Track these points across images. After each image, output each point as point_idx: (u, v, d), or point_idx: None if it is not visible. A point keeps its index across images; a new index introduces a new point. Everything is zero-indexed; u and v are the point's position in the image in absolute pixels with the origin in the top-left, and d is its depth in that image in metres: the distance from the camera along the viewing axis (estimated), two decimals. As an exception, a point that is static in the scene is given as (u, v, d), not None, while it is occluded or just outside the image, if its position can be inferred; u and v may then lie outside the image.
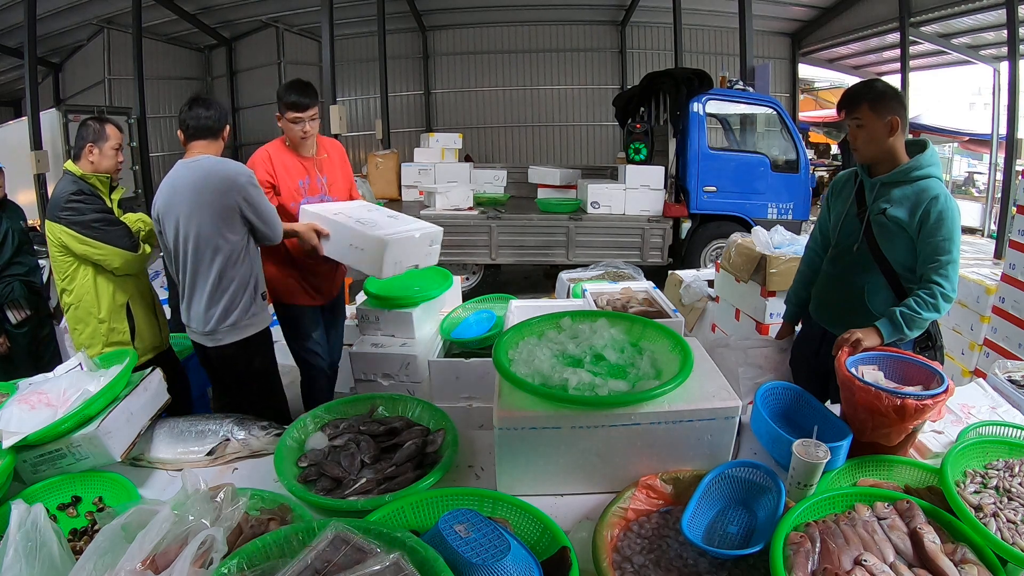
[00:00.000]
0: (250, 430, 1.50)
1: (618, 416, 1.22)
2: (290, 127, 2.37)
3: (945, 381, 1.32)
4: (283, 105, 2.35)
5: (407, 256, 2.32)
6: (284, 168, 2.43)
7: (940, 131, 11.48)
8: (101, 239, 2.18)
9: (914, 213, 1.69)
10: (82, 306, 2.27)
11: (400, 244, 2.24)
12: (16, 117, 8.90)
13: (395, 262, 2.25)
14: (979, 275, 3.26)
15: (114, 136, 2.28)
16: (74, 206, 2.16)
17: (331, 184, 2.59)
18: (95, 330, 2.29)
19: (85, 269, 2.24)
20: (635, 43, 11.69)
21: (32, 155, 6.15)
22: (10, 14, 7.86)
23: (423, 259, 2.42)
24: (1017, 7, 6.72)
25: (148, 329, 2.42)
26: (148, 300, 2.45)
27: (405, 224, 2.38)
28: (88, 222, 2.16)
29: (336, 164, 2.64)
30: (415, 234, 2.32)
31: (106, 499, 1.29)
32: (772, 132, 6.42)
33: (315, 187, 2.54)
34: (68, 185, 2.20)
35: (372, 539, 0.90)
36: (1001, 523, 1.11)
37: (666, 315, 2.33)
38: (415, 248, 2.35)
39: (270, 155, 2.44)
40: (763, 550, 1.04)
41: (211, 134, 2.16)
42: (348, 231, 2.27)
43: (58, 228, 2.16)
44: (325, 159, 2.57)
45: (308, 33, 11.13)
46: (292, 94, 2.32)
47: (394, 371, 2.72)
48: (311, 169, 2.51)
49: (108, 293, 2.28)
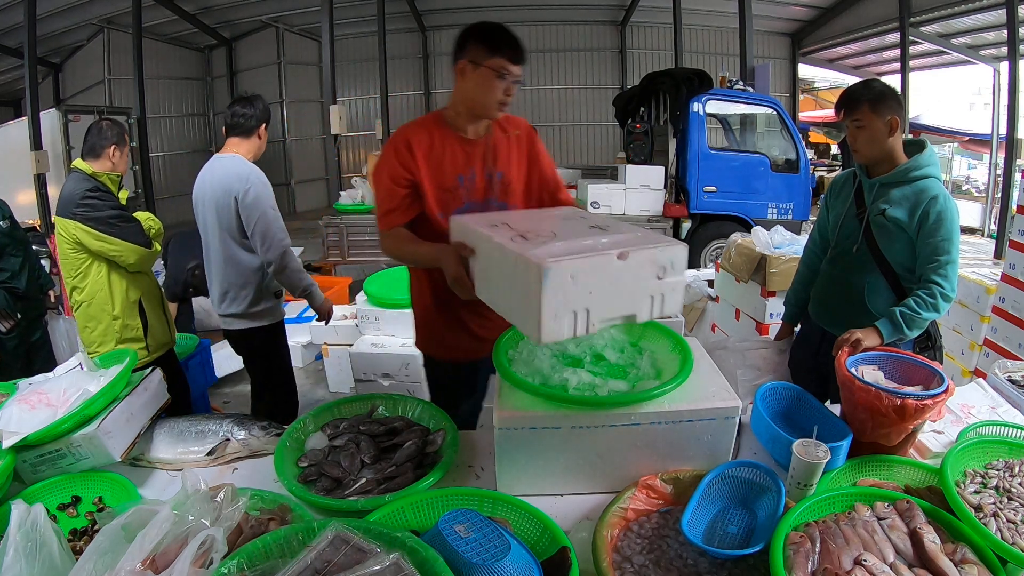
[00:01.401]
0: (250, 430, 1.50)
1: (618, 416, 1.22)
2: (490, 85, 1.52)
3: (945, 381, 1.32)
4: (485, 49, 1.51)
5: (603, 296, 1.17)
6: (438, 156, 1.61)
7: (940, 131, 11.49)
8: (117, 235, 2.21)
9: (913, 213, 1.70)
10: (95, 303, 2.29)
11: (576, 273, 1.13)
12: (16, 117, 8.88)
13: (568, 308, 1.14)
14: (979, 275, 3.26)
15: (128, 141, 2.37)
16: (90, 202, 2.18)
17: (509, 184, 1.69)
18: (108, 327, 2.31)
19: (99, 266, 2.27)
20: (635, 43, 11.70)
21: (32, 155, 6.15)
22: (10, 14, 7.86)
23: (641, 302, 1.23)
24: (1017, 7, 6.73)
25: (159, 326, 2.46)
26: (157, 297, 2.50)
27: (616, 236, 1.25)
28: (105, 218, 2.20)
29: (523, 155, 1.72)
30: (612, 255, 1.16)
31: (106, 499, 1.29)
32: (772, 132, 6.42)
33: (481, 187, 1.66)
34: (81, 182, 2.22)
35: (372, 539, 0.90)
36: (1001, 523, 1.11)
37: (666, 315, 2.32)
38: (618, 282, 1.18)
39: (410, 138, 1.59)
40: (763, 550, 1.04)
41: (244, 132, 2.28)
42: (498, 251, 1.25)
43: (72, 224, 2.18)
44: (502, 143, 1.67)
45: (308, 33, 11.14)
46: (506, 36, 1.53)
47: (394, 371, 2.73)
48: (477, 159, 1.64)
49: (121, 290, 2.31)
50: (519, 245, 1.18)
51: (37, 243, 4.67)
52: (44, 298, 2.97)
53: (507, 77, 1.52)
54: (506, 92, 1.54)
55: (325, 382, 3.74)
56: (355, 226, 5.71)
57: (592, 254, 1.15)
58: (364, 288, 3.18)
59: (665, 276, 1.22)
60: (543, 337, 1.13)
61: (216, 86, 11.86)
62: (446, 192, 1.62)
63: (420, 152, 1.58)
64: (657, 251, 1.20)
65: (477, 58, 1.51)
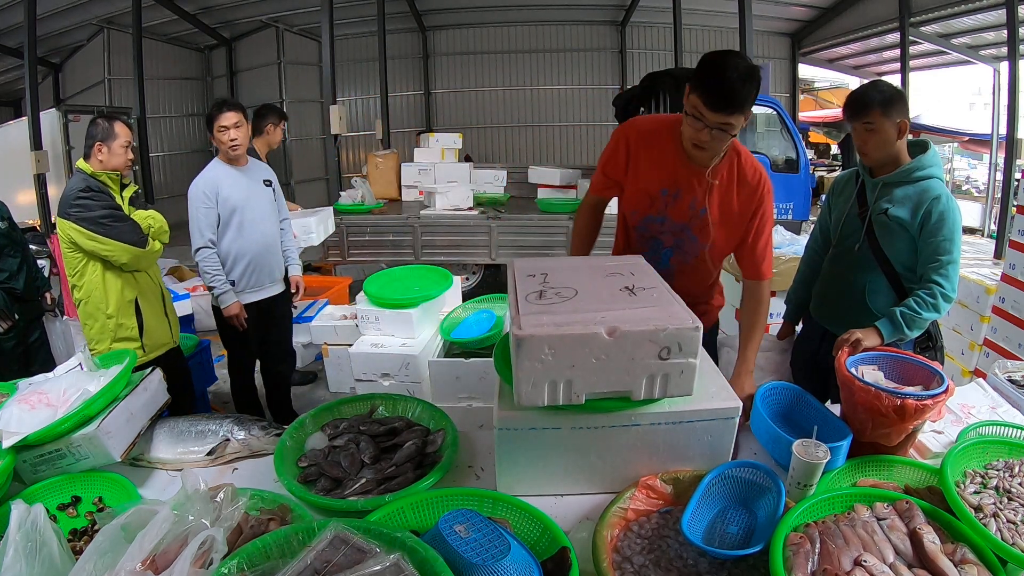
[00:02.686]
0: (250, 430, 1.50)
1: (618, 417, 1.22)
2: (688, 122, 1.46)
3: (945, 381, 1.32)
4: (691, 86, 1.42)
5: (587, 370, 1.14)
6: (651, 155, 1.59)
7: (940, 131, 11.47)
8: (107, 235, 2.23)
9: (916, 213, 1.70)
10: (91, 301, 2.32)
11: (554, 345, 1.11)
12: (16, 117, 8.89)
13: (546, 378, 1.14)
14: (979, 275, 3.26)
15: (123, 134, 2.32)
16: (82, 203, 2.21)
17: (706, 224, 1.62)
18: (103, 325, 2.34)
19: (94, 265, 2.29)
20: (635, 43, 11.69)
21: (32, 155, 6.14)
22: (10, 14, 7.86)
23: (636, 381, 1.16)
24: (1017, 7, 6.72)
25: (157, 326, 2.47)
26: (157, 297, 2.50)
27: (636, 310, 1.20)
28: (95, 218, 2.21)
29: (743, 211, 1.62)
30: (600, 330, 1.11)
31: (106, 499, 1.29)
32: (772, 132, 6.43)
33: (684, 211, 1.61)
34: (78, 183, 2.26)
35: (372, 539, 0.90)
36: (1001, 523, 1.11)
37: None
38: (608, 358, 1.13)
39: (640, 128, 1.60)
40: (763, 550, 1.04)
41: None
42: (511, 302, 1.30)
43: (67, 224, 2.22)
44: (724, 188, 1.59)
45: (308, 33, 11.13)
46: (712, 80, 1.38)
47: (394, 371, 2.73)
48: (691, 182, 1.59)
49: (116, 289, 2.33)
50: (524, 304, 1.21)
51: (37, 243, 4.68)
52: (41, 300, 2.96)
53: (703, 119, 1.41)
54: (699, 133, 1.43)
55: (325, 382, 3.75)
56: (355, 226, 5.70)
57: (578, 327, 1.11)
58: (364, 288, 3.18)
59: (670, 357, 1.13)
60: (520, 402, 1.15)
61: (216, 86, 11.85)
62: (645, 196, 1.63)
63: (640, 147, 1.60)
64: (657, 332, 1.12)
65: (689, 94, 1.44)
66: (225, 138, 2.62)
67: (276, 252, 2.90)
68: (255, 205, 2.76)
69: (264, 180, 2.86)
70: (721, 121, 1.39)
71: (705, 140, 1.44)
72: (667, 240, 1.69)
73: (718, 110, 1.38)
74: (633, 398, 1.17)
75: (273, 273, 2.89)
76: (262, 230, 2.78)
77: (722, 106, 1.37)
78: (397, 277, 3.18)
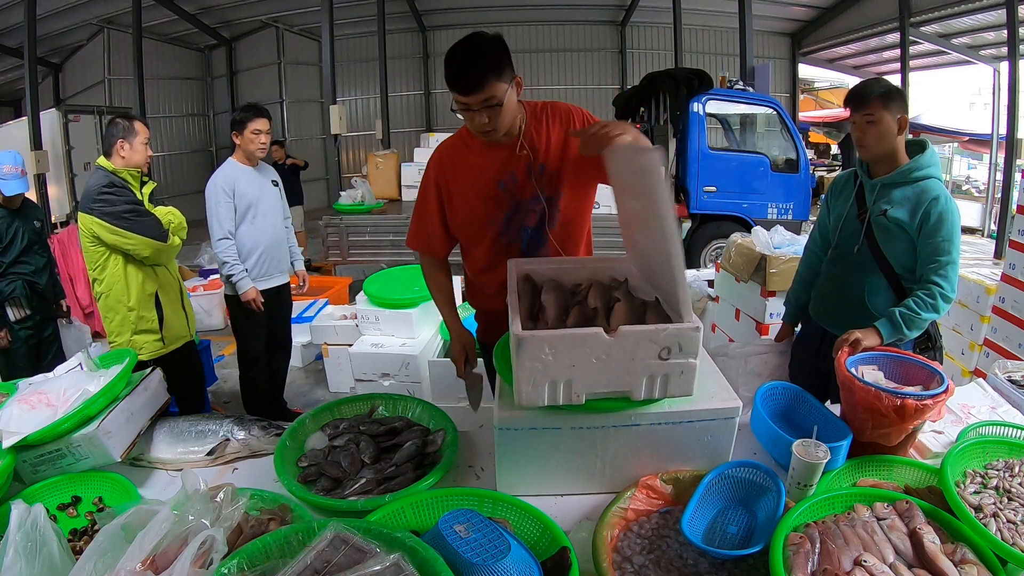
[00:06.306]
0: (250, 430, 1.50)
1: (618, 417, 1.22)
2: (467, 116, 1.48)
3: (945, 381, 1.32)
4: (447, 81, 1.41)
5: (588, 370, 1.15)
6: (467, 164, 1.62)
7: (940, 131, 11.47)
8: (131, 229, 2.30)
9: (914, 214, 1.70)
10: (112, 294, 2.40)
11: (554, 345, 1.12)
12: (16, 117, 8.89)
13: (547, 378, 1.15)
14: (979, 275, 3.26)
15: (142, 131, 2.43)
16: (105, 198, 2.28)
17: (552, 175, 1.59)
18: (124, 318, 2.42)
19: (116, 259, 2.37)
20: (635, 43, 11.70)
21: (32, 155, 6.15)
22: (10, 14, 7.87)
23: (637, 380, 1.17)
24: (1017, 7, 6.73)
25: (176, 319, 2.58)
26: (176, 291, 2.61)
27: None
28: (119, 212, 2.29)
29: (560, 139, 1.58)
30: (599, 330, 1.13)
31: (106, 499, 1.29)
32: (772, 132, 6.42)
33: (524, 184, 1.59)
34: (100, 179, 2.33)
35: (372, 539, 0.90)
36: (1001, 523, 1.11)
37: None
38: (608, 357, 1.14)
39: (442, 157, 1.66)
40: (763, 550, 1.04)
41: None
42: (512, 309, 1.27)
43: (90, 219, 2.29)
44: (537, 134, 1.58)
45: (308, 33, 11.14)
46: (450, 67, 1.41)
47: (394, 371, 2.73)
48: (515, 159, 1.57)
49: (138, 282, 2.42)
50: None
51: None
52: (57, 307, 3.09)
53: (470, 108, 1.42)
54: (474, 120, 1.45)
55: (325, 382, 3.75)
56: (355, 226, 5.70)
57: (579, 327, 1.13)
58: (364, 288, 3.18)
59: (670, 357, 1.13)
60: (521, 402, 1.16)
61: (216, 86, 11.86)
62: (490, 200, 1.60)
63: (451, 170, 1.62)
64: (657, 331, 1.12)
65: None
66: (258, 141, 2.82)
67: (283, 245, 3.09)
68: (267, 201, 2.95)
69: (272, 180, 3.05)
70: (477, 100, 1.40)
71: (484, 122, 1.45)
72: (530, 219, 1.64)
73: (467, 93, 1.40)
74: (633, 398, 1.18)
75: (281, 264, 3.07)
76: (272, 223, 2.98)
77: (467, 89, 1.39)
78: (397, 277, 3.20)
